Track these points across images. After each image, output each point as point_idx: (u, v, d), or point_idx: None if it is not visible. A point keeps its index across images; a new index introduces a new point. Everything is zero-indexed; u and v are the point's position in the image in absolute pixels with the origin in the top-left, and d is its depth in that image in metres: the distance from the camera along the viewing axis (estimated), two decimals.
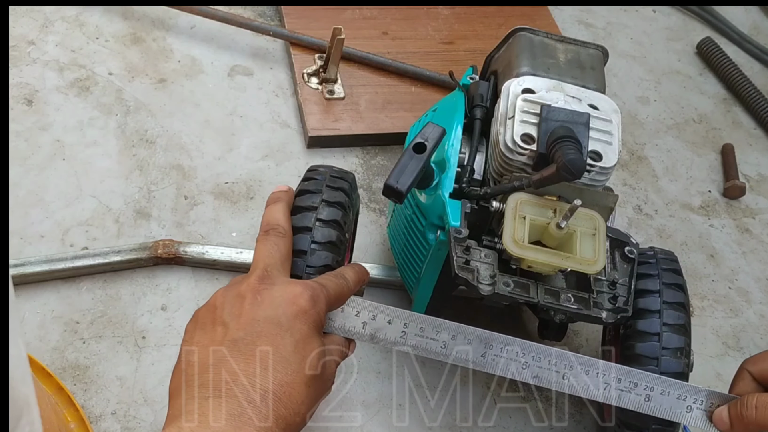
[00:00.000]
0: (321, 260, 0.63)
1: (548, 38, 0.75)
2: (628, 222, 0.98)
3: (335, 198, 0.66)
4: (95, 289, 0.79)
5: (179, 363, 0.56)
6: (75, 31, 0.99)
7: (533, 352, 0.62)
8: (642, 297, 0.67)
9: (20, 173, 0.85)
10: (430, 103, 0.87)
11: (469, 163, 0.72)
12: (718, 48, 1.18)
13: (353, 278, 0.63)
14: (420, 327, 0.62)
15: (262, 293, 0.57)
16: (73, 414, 0.69)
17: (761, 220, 1.02)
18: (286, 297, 0.57)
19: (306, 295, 0.57)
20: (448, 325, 0.62)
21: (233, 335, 0.55)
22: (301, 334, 0.56)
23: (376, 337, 0.62)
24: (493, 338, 0.62)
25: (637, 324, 0.67)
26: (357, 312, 0.62)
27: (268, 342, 0.54)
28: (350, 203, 0.68)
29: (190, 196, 0.88)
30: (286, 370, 0.54)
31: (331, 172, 0.69)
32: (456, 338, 0.61)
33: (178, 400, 0.53)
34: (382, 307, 0.62)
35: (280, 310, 0.56)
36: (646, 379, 0.62)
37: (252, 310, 0.56)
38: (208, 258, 0.81)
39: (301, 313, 0.56)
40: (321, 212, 0.65)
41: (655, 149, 1.07)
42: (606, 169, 0.67)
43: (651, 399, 0.61)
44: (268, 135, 0.95)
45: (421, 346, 0.62)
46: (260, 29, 1.02)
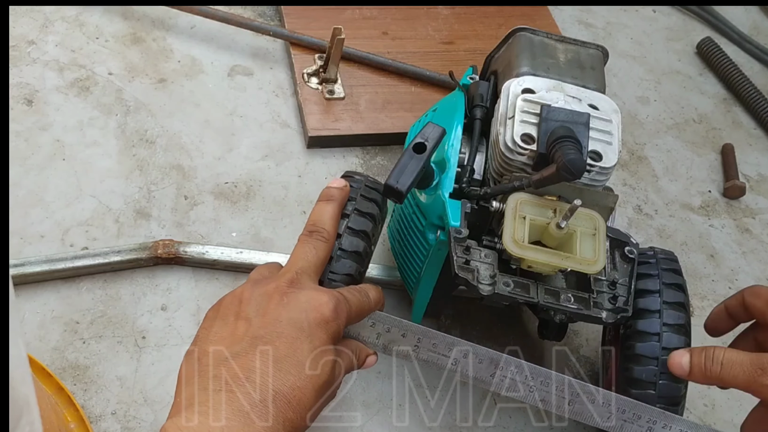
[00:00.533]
0: (345, 268, 0.63)
1: (548, 38, 0.75)
2: (628, 222, 0.98)
3: (368, 209, 0.66)
4: (95, 289, 0.79)
5: (194, 350, 0.56)
6: (75, 31, 0.99)
7: (542, 377, 0.62)
8: (642, 297, 0.67)
9: (20, 173, 0.85)
10: (430, 103, 0.87)
11: (469, 163, 0.72)
12: (718, 48, 1.18)
13: (375, 298, 0.64)
14: (433, 343, 0.62)
15: (289, 296, 0.58)
16: (73, 414, 0.69)
17: (761, 220, 1.02)
18: (311, 303, 0.58)
19: (331, 305, 0.58)
20: (460, 343, 0.62)
21: (255, 332, 0.56)
22: (320, 342, 0.57)
23: (389, 349, 0.63)
24: (503, 360, 0.62)
25: (637, 324, 0.67)
26: (372, 323, 0.63)
27: (287, 344, 0.55)
28: (381, 217, 0.68)
29: (190, 196, 0.88)
30: (300, 375, 0.55)
31: (366, 181, 0.69)
32: (467, 356, 0.62)
33: (189, 388, 0.54)
34: (398, 320, 0.63)
35: (303, 315, 0.57)
36: (649, 413, 0.62)
37: (277, 310, 0.57)
38: (208, 258, 0.81)
39: (323, 322, 0.57)
40: (352, 221, 0.65)
41: (655, 149, 1.07)
42: (606, 169, 0.67)
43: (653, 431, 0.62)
44: (268, 135, 0.95)
45: (432, 361, 0.63)
46: (260, 29, 1.02)
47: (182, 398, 0.54)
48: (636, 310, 0.67)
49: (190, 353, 0.57)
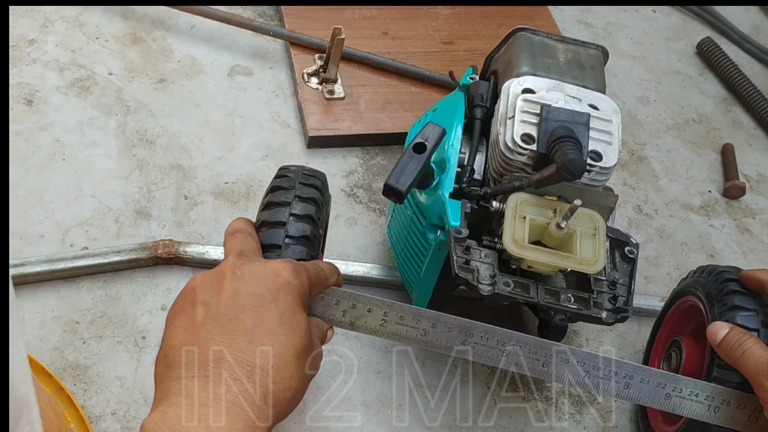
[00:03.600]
0: (295, 254, 0.61)
1: (548, 38, 0.75)
2: (628, 222, 0.98)
3: (308, 194, 0.66)
4: (95, 289, 0.79)
5: (161, 349, 0.54)
6: (75, 31, 0.99)
7: (513, 341, 0.61)
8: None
9: (20, 173, 0.85)
10: (430, 103, 0.87)
11: (469, 163, 0.72)
12: (718, 48, 1.18)
13: (328, 268, 0.61)
14: (400, 315, 0.61)
15: (242, 268, 0.55)
16: (73, 414, 0.69)
17: (761, 220, 1.02)
18: (267, 271, 0.55)
19: (289, 268, 0.56)
20: (427, 314, 0.61)
21: (215, 312, 0.53)
22: (286, 305, 0.54)
23: (356, 325, 0.61)
24: (474, 327, 0.61)
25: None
26: (337, 301, 0.61)
27: (252, 315, 0.52)
28: (323, 200, 0.67)
29: (190, 196, 0.88)
30: (273, 343, 0.52)
31: (303, 170, 0.69)
32: (436, 326, 0.61)
33: (162, 383, 0.51)
34: (362, 296, 0.61)
35: (262, 283, 0.54)
36: (625, 368, 0.62)
37: (232, 285, 0.54)
38: (208, 258, 0.81)
39: (285, 284, 0.55)
40: (295, 207, 0.64)
41: (655, 149, 1.07)
42: (606, 169, 0.67)
43: (630, 387, 0.62)
44: (268, 135, 0.95)
45: (400, 334, 0.61)
46: (260, 29, 1.02)
47: (157, 395, 0.51)
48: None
49: (158, 356, 0.54)
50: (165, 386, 0.51)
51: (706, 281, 0.71)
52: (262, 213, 0.64)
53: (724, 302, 0.67)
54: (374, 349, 0.80)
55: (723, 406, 0.62)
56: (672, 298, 0.78)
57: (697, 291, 0.72)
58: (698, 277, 0.73)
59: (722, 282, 0.69)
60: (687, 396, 0.62)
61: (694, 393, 0.62)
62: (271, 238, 0.62)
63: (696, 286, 0.73)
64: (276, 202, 0.64)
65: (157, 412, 0.49)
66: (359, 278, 0.83)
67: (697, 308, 0.72)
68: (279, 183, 0.66)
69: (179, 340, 0.53)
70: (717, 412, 0.62)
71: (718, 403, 0.62)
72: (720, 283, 0.69)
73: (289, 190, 0.65)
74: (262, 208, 0.65)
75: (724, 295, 0.68)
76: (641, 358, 0.82)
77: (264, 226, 0.63)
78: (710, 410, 0.62)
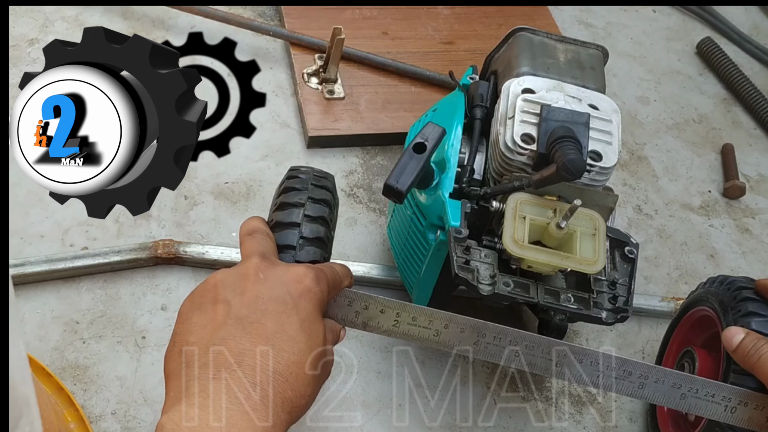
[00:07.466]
0: (309, 255, 0.62)
1: (548, 38, 0.75)
2: (628, 222, 0.98)
3: (321, 195, 0.66)
4: (95, 289, 0.79)
5: (174, 345, 0.53)
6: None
7: (526, 341, 0.61)
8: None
9: (20, 173, 0.85)
10: (430, 103, 0.87)
11: (469, 163, 0.72)
12: (718, 48, 1.18)
13: (342, 271, 0.62)
14: (412, 316, 0.61)
15: (266, 271, 0.55)
16: (73, 414, 0.69)
17: (761, 220, 1.02)
18: (290, 276, 0.55)
19: (311, 275, 0.56)
20: (440, 315, 0.61)
21: (237, 313, 0.53)
22: (307, 313, 0.54)
23: (369, 326, 0.62)
24: (486, 327, 0.61)
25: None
26: (349, 302, 0.61)
27: (274, 320, 0.52)
28: (335, 203, 0.68)
29: (190, 196, 0.88)
30: (293, 350, 0.52)
31: (314, 171, 0.69)
32: (449, 327, 0.61)
33: (177, 381, 0.51)
34: (374, 297, 0.62)
35: (285, 288, 0.54)
36: (640, 368, 0.62)
37: (256, 287, 0.54)
38: (208, 258, 0.81)
39: (306, 292, 0.55)
40: (308, 209, 0.64)
41: (655, 149, 1.07)
42: (606, 169, 0.67)
43: (645, 387, 0.62)
44: (268, 135, 0.95)
45: (413, 335, 0.61)
46: (260, 29, 1.02)
47: (172, 393, 0.51)
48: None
49: (170, 351, 0.53)
50: (181, 384, 0.50)
51: (718, 291, 0.71)
52: (276, 213, 0.64)
53: (738, 309, 0.67)
54: (374, 349, 0.80)
55: (740, 407, 0.62)
56: (683, 309, 0.77)
57: (710, 300, 0.72)
58: (709, 287, 0.73)
59: (735, 290, 0.69)
60: (703, 396, 0.62)
61: (711, 394, 0.62)
62: (286, 239, 0.62)
63: (708, 296, 0.72)
64: (290, 203, 0.64)
65: (175, 411, 0.48)
66: (359, 278, 0.83)
67: (709, 318, 0.72)
68: (292, 184, 0.66)
69: (197, 338, 0.52)
70: (734, 413, 0.62)
71: (735, 403, 0.62)
72: (733, 291, 0.69)
73: (302, 191, 0.65)
74: (275, 208, 0.65)
75: (738, 302, 0.68)
76: (641, 358, 0.82)
77: (278, 226, 0.63)
78: (727, 410, 0.62)
